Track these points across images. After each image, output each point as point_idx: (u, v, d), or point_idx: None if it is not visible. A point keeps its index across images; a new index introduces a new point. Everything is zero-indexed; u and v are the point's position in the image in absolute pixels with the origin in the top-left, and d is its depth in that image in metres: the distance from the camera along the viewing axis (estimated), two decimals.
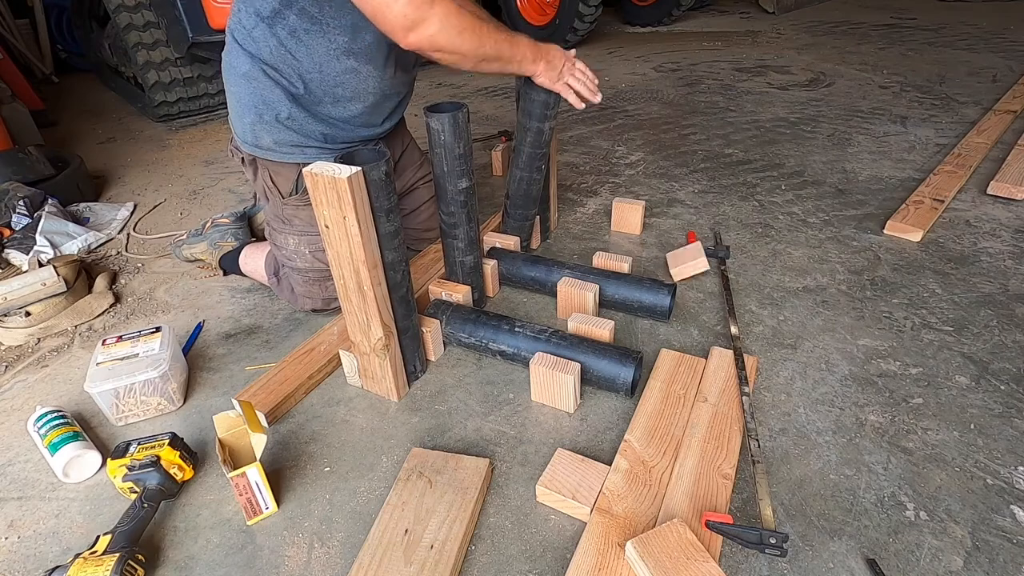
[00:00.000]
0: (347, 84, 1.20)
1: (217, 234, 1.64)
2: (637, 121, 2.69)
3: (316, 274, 1.35)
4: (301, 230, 1.31)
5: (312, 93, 1.20)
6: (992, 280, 1.43)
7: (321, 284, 1.36)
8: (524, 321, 1.23)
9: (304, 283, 1.36)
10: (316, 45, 1.14)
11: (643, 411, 1.07)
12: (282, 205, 1.31)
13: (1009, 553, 0.84)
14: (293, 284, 1.39)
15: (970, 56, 3.39)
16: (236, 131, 1.29)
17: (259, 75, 1.18)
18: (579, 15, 3.90)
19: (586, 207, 1.91)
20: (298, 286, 1.38)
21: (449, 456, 1.00)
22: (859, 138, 2.33)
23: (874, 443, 1.02)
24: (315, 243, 1.31)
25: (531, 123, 1.35)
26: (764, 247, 1.63)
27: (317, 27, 1.12)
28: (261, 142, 1.25)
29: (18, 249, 1.68)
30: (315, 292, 1.37)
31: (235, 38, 1.19)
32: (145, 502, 0.92)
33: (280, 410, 1.15)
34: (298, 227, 1.31)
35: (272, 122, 1.21)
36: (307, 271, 1.35)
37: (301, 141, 1.24)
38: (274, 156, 1.27)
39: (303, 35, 1.13)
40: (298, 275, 1.36)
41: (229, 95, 1.25)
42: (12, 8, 3.68)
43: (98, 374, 1.12)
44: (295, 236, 1.32)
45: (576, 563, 0.83)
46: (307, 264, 1.34)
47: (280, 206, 1.32)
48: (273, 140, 1.24)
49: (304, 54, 1.15)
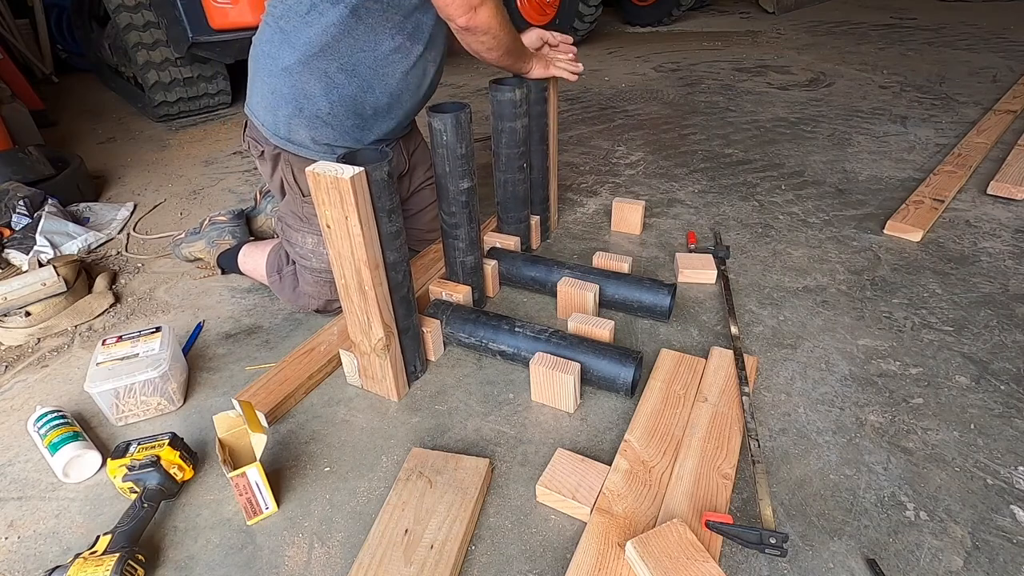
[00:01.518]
0: (395, 65, 1.21)
1: (215, 232, 1.64)
2: (637, 121, 2.69)
3: (329, 275, 1.34)
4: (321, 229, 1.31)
5: (359, 78, 1.19)
6: (992, 280, 1.43)
7: (332, 286, 1.35)
8: (524, 321, 1.23)
9: (315, 283, 1.36)
10: (376, 22, 1.16)
11: (643, 411, 1.07)
12: (302, 203, 1.31)
13: (1009, 553, 0.84)
14: (301, 282, 1.38)
15: (970, 56, 3.39)
16: (267, 123, 1.27)
17: (304, 68, 1.17)
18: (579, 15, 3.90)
19: (586, 207, 1.91)
20: (307, 285, 1.37)
21: (449, 456, 1.00)
22: (859, 138, 2.33)
23: (874, 443, 1.02)
24: None
25: (503, 124, 1.37)
26: (764, 247, 1.63)
27: (378, 4, 1.15)
28: (295, 136, 1.25)
29: (18, 249, 1.68)
30: (323, 292, 1.36)
31: (280, 27, 1.17)
32: (145, 502, 0.92)
33: (280, 410, 1.15)
34: (318, 226, 1.31)
35: (312, 117, 1.21)
36: (321, 271, 1.34)
37: (335, 139, 1.24)
38: (305, 152, 1.26)
39: (364, 14, 1.14)
40: (310, 275, 1.35)
41: (262, 86, 1.24)
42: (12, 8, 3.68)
43: (98, 374, 1.12)
44: (314, 235, 1.32)
45: (576, 563, 0.83)
46: (323, 264, 1.33)
47: (300, 204, 1.32)
48: (309, 136, 1.24)
49: (363, 32, 1.16)
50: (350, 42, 1.16)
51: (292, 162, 1.29)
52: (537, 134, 1.51)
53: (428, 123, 1.18)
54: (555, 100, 1.55)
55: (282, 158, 1.29)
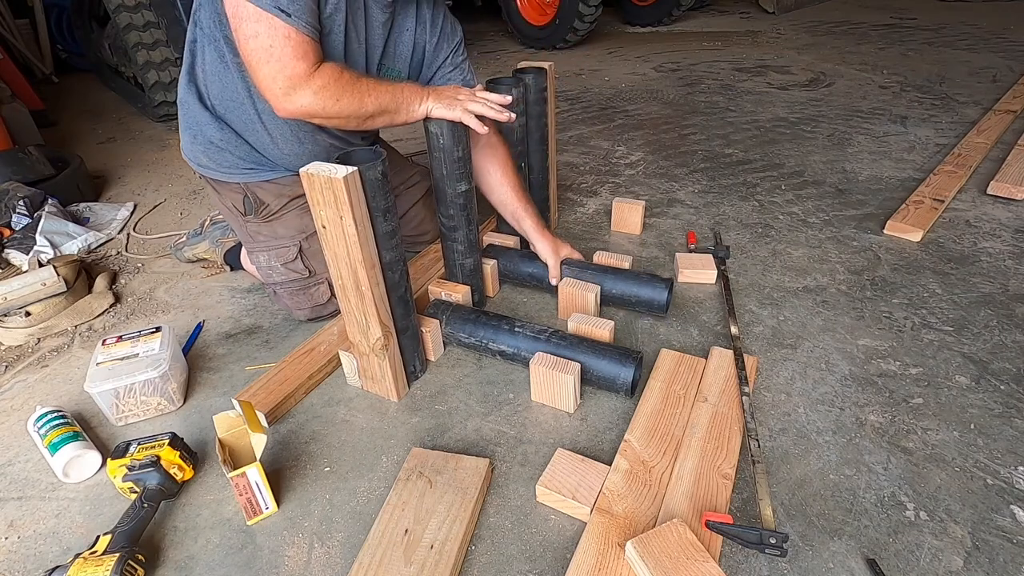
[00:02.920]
0: (243, 109, 1.16)
1: (218, 231, 1.63)
2: (637, 121, 2.69)
3: (296, 284, 1.34)
4: (267, 245, 1.31)
5: (226, 114, 1.19)
6: (992, 280, 1.43)
7: (305, 293, 1.35)
8: (524, 321, 1.23)
9: (289, 295, 1.35)
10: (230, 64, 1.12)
11: (643, 411, 1.07)
12: (244, 224, 1.31)
13: (1009, 553, 0.84)
14: (282, 296, 1.38)
15: (970, 56, 3.39)
16: (184, 150, 1.29)
17: (191, 96, 1.18)
18: (579, 15, 3.90)
19: (586, 207, 1.91)
20: (286, 298, 1.37)
21: (449, 456, 1.00)
22: (859, 138, 2.33)
23: (874, 443, 1.02)
24: (284, 255, 1.31)
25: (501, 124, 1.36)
26: (764, 247, 1.63)
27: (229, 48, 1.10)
28: (201, 161, 1.25)
29: (18, 249, 1.68)
30: (303, 302, 1.36)
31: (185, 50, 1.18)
32: (145, 502, 0.92)
33: (280, 410, 1.15)
34: (263, 243, 1.31)
35: (206, 144, 1.22)
36: (286, 283, 1.34)
37: (237, 163, 1.24)
38: (214, 175, 1.26)
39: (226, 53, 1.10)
40: (281, 288, 1.35)
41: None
42: (12, 8, 3.68)
43: (98, 374, 1.12)
44: (264, 252, 1.31)
45: (576, 563, 0.83)
46: (283, 277, 1.33)
47: (243, 224, 1.31)
48: (210, 159, 1.24)
49: (222, 72, 1.13)
50: (214, 78, 1.15)
51: (216, 186, 1.29)
52: (536, 134, 1.51)
53: (424, 127, 1.18)
54: (554, 100, 1.55)
55: (210, 184, 1.31)
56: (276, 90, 0.99)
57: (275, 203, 1.29)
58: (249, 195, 1.28)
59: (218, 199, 1.32)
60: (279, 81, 0.98)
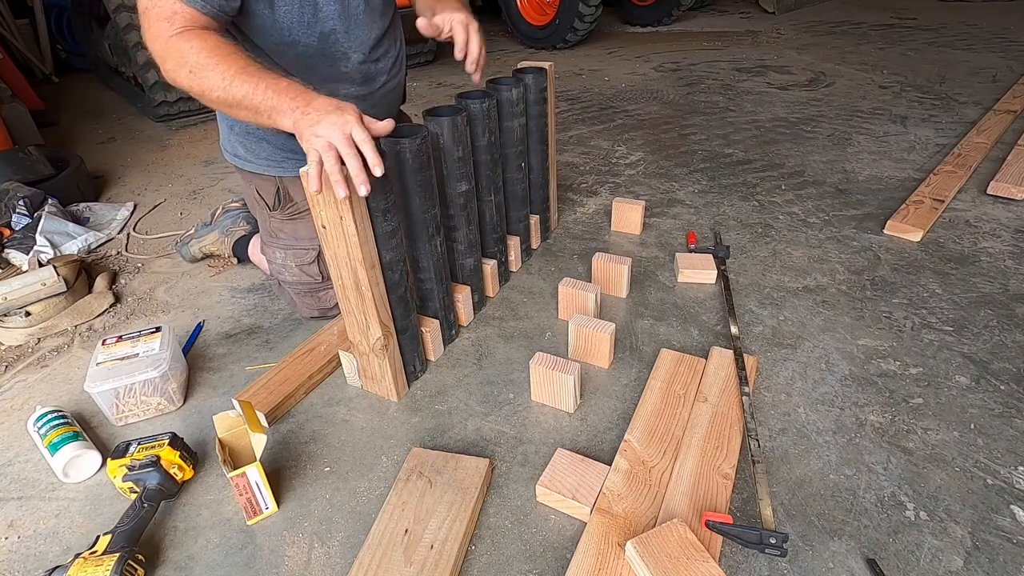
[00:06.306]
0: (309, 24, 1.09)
1: (228, 220, 1.61)
2: (637, 121, 2.69)
3: (306, 287, 1.34)
4: (287, 244, 1.31)
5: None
6: (992, 280, 1.43)
7: (313, 296, 1.35)
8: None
9: (297, 295, 1.36)
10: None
11: (643, 411, 1.07)
12: (268, 218, 1.31)
13: (1009, 553, 0.84)
14: (289, 293, 1.38)
15: (970, 56, 3.39)
16: (221, 139, 1.29)
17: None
18: (579, 15, 3.89)
19: (586, 207, 1.91)
20: (293, 296, 1.37)
21: (449, 456, 1.00)
22: (859, 138, 2.33)
23: (874, 443, 1.02)
24: (301, 256, 1.30)
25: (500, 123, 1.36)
26: (764, 247, 1.63)
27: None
28: (238, 152, 1.25)
29: (18, 249, 1.68)
30: (310, 303, 1.36)
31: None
32: (145, 502, 0.92)
33: (280, 410, 1.15)
34: (283, 241, 1.31)
35: (242, 133, 1.22)
36: (296, 284, 1.34)
37: (272, 153, 1.24)
38: (251, 167, 1.26)
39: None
40: (288, 287, 1.36)
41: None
42: (12, 8, 3.68)
43: (98, 374, 1.12)
44: (282, 250, 1.31)
45: (576, 563, 0.83)
46: (295, 278, 1.33)
47: (267, 218, 1.31)
48: (247, 150, 1.24)
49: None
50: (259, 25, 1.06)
51: (249, 177, 1.29)
52: (536, 134, 1.51)
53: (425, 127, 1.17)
54: (553, 100, 1.55)
55: (242, 174, 1.31)
56: (153, 55, 0.94)
57: (303, 203, 1.29)
58: (281, 188, 1.28)
59: (249, 188, 1.32)
60: (151, 45, 0.94)
